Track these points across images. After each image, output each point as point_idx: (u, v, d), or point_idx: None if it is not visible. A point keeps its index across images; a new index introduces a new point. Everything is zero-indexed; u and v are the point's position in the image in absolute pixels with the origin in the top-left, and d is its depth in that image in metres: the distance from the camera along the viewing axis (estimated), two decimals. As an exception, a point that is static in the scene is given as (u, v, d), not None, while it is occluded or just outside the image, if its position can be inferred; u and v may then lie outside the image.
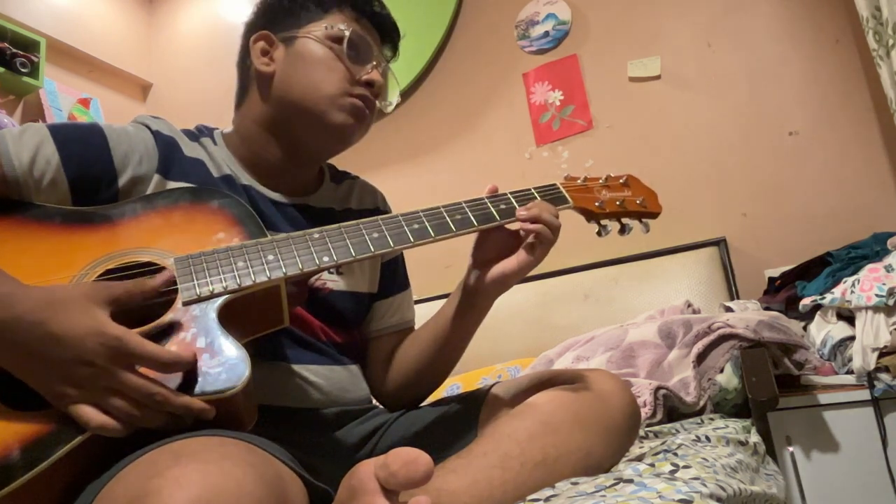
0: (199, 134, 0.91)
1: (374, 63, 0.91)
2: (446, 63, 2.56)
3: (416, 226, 0.77)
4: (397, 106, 1.04)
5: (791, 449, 1.43)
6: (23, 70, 2.31)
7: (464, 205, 0.82)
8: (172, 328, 0.61)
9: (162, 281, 0.63)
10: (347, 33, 0.89)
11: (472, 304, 0.88)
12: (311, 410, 0.84)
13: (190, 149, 0.86)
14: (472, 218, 0.80)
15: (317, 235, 0.73)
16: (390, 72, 0.99)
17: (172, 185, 0.80)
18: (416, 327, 1.03)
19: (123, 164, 0.78)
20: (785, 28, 2.06)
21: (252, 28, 0.94)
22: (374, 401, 0.99)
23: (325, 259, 0.71)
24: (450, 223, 0.79)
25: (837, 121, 1.97)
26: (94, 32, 2.79)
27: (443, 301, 0.95)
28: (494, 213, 0.82)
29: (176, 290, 0.64)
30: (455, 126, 2.51)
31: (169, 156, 0.82)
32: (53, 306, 0.55)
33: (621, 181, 0.93)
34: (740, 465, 0.91)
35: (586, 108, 2.31)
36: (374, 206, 1.05)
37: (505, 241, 0.85)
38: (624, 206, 0.90)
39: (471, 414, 0.87)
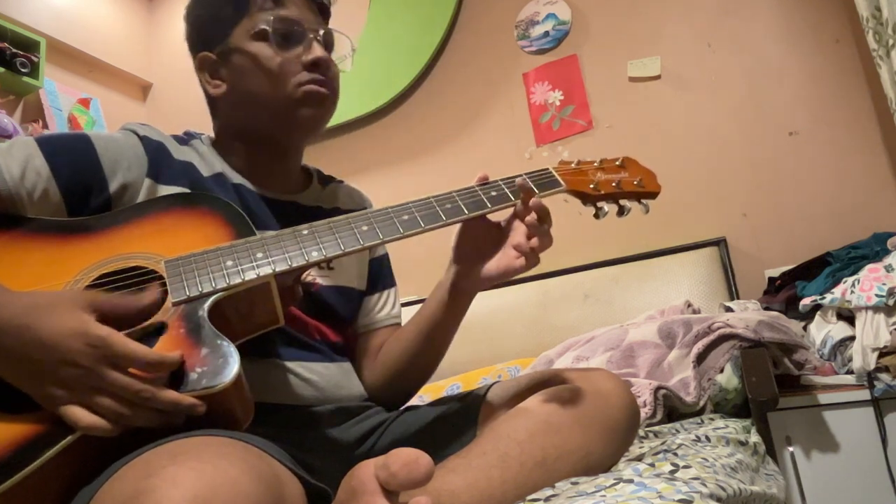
0: (188, 138, 0.93)
1: (311, 37, 0.88)
2: (446, 63, 2.56)
3: (405, 217, 0.76)
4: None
5: (791, 449, 1.43)
6: (23, 70, 2.30)
7: (454, 194, 0.80)
8: (162, 328, 0.62)
9: (150, 299, 0.63)
10: (269, 28, 0.86)
11: (454, 301, 0.88)
12: (307, 408, 0.85)
13: (179, 152, 0.87)
14: (463, 206, 0.79)
15: (305, 231, 0.73)
16: (332, 31, 0.93)
17: (163, 188, 0.81)
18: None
19: (113, 170, 0.78)
20: (785, 28, 2.06)
21: (192, 49, 0.93)
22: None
23: (315, 254, 0.71)
24: (440, 212, 0.78)
25: (837, 121, 1.97)
26: (94, 32, 2.79)
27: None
28: (485, 200, 0.81)
29: (167, 292, 0.65)
30: (455, 126, 2.51)
31: (158, 160, 0.83)
32: (38, 310, 0.56)
33: (617, 163, 0.92)
34: (740, 465, 0.91)
35: (586, 108, 2.31)
36: (362, 207, 1.06)
37: (488, 233, 0.84)
38: (620, 186, 0.88)
39: (470, 413, 0.86)
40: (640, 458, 0.85)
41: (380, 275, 1.04)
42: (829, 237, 1.85)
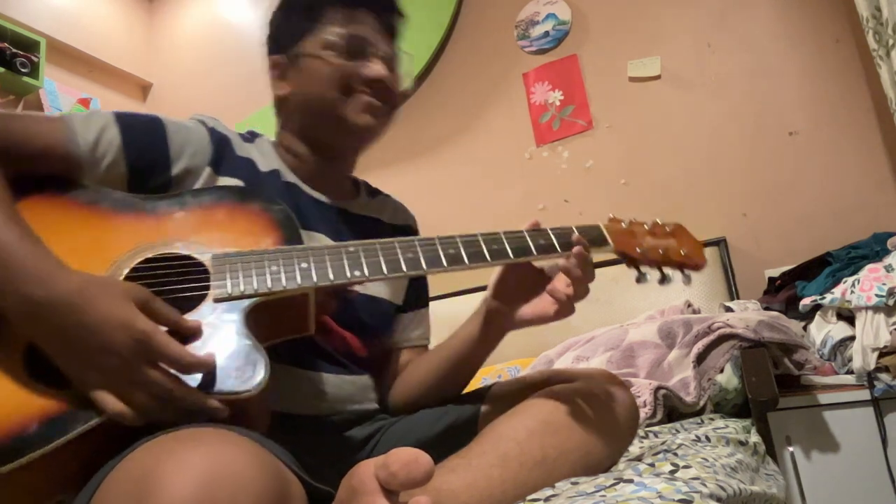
0: (252, 137, 0.96)
1: (374, 54, 0.91)
2: (446, 63, 2.56)
3: (451, 251, 0.77)
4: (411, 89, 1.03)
5: (791, 449, 1.43)
6: (23, 70, 2.31)
7: (501, 235, 0.80)
8: (200, 323, 0.62)
9: (195, 328, 0.62)
10: (338, 39, 0.90)
11: (485, 335, 0.88)
12: (314, 417, 0.84)
13: (242, 149, 0.90)
14: (509, 249, 0.79)
15: (352, 249, 0.73)
16: (398, 54, 0.97)
17: (222, 179, 0.84)
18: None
19: (178, 153, 0.81)
20: (785, 28, 2.06)
21: (268, 52, 0.97)
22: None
23: (357, 273, 0.71)
24: (485, 252, 0.78)
25: (837, 121, 1.97)
26: (94, 32, 2.79)
27: (447, 300, 0.95)
28: (532, 247, 0.80)
29: (209, 286, 0.65)
30: (455, 126, 2.51)
31: (221, 152, 0.86)
32: (89, 292, 0.57)
33: (668, 229, 0.90)
34: (740, 465, 0.91)
35: (586, 108, 2.31)
36: (406, 223, 1.07)
37: (530, 278, 0.84)
38: (667, 254, 0.86)
39: (471, 413, 0.87)
40: (640, 458, 0.85)
41: (419, 294, 1.04)
42: (829, 237, 1.85)
